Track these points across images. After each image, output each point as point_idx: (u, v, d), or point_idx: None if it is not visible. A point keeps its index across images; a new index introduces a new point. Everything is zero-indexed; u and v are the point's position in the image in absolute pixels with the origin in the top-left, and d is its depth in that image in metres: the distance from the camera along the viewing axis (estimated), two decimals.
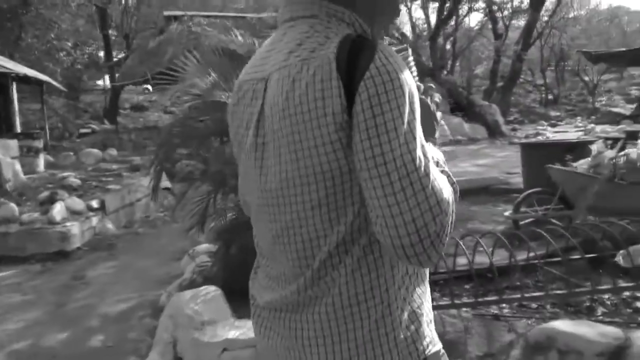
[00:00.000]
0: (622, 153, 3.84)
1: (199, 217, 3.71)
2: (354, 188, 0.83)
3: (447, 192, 0.81)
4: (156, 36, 17.25)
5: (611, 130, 10.14)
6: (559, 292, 2.70)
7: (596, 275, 2.95)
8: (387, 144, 0.77)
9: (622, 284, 2.79)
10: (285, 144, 0.85)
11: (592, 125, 13.97)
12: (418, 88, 0.88)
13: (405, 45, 1.17)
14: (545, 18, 21.63)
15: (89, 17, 19.41)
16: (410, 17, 22.27)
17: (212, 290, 2.83)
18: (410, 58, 1.09)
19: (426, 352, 0.88)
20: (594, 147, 4.07)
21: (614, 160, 3.79)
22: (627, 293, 2.84)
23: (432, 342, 0.91)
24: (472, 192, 5.89)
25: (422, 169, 0.78)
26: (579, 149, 4.55)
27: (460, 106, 16.23)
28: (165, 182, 8.25)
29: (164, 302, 3.62)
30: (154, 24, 20.80)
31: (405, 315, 0.87)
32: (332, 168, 0.82)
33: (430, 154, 0.82)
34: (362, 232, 0.84)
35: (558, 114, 22.07)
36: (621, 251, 2.97)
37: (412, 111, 0.80)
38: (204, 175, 3.81)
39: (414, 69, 1.05)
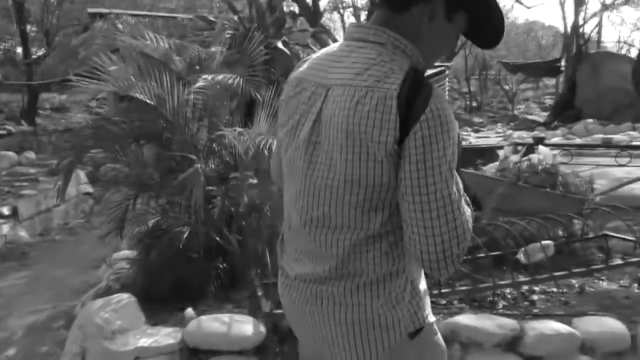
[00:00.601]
0: (526, 158, 4.15)
1: (117, 222, 3.60)
2: (387, 198, 1.02)
3: (469, 223, 1.00)
4: (79, 34, 16.41)
5: (526, 136, 10.86)
6: (464, 288, 2.88)
7: (499, 272, 3.17)
8: (432, 177, 0.95)
9: (521, 278, 3.01)
10: (339, 150, 1.01)
11: (511, 131, 14.84)
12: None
13: (444, 68, 1.34)
14: None
15: (5, 12, 18.13)
16: (343, 24, 22.70)
17: (124, 297, 2.76)
18: (447, 80, 1.25)
19: (425, 322, 1.09)
20: (502, 152, 4.36)
21: (518, 165, 4.09)
22: (525, 287, 3.07)
23: (429, 314, 1.12)
24: None
25: (456, 203, 0.97)
26: (489, 153, 4.85)
27: None
28: (87, 187, 7.91)
29: (79, 312, 3.47)
30: (78, 21, 19.77)
31: (408, 291, 1.08)
32: (375, 181, 1.00)
33: (461, 190, 1.00)
34: (389, 233, 1.04)
35: (481, 120, 23.24)
36: (522, 249, 3.20)
37: (453, 153, 0.97)
38: (126, 179, 3.71)
39: (447, 87, 1.21)
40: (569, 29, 21.22)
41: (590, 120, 17.08)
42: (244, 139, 2.94)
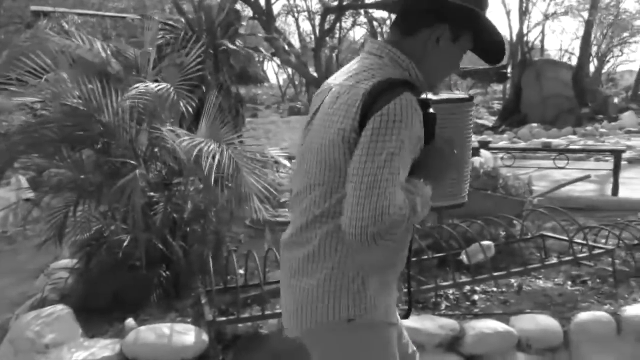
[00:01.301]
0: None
1: (56, 229, 3.44)
2: (342, 181, 1.15)
3: (396, 213, 1.07)
4: (22, 32, 15.64)
5: (474, 139, 11.16)
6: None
7: (443, 273, 3.25)
8: (370, 162, 1.08)
9: (463, 279, 3.09)
10: (317, 135, 1.21)
11: None
12: (450, 141, 1.23)
13: (471, 97, 1.42)
14: None
15: None
16: (298, 28, 22.77)
17: (59, 309, 2.65)
18: (473, 109, 1.38)
19: (356, 314, 1.19)
20: None
21: None
22: (467, 287, 3.15)
23: (368, 310, 1.20)
24: None
25: (382, 188, 1.06)
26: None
27: None
28: (28, 193, 7.52)
29: (11, 325, 3.29)
30: (20, 19, 18.87)
31: (357, 284, 1.19)
32: (335, 163, 1.16)
33: (402, 184, 1.10)
34: (337, 214, 1.16)
35: None
36: (464, 250, 3.29)
37: (398, 149, 1.08)
38: (67, 184, 3.55)
39: (472, 122, 1.39)
40: (514, 37, 22.08)
41: (535, 124, 17.85)
42: (185, 143, 2.88)
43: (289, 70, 28.20)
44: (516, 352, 2.68)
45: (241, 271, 3.20)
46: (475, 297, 3.10)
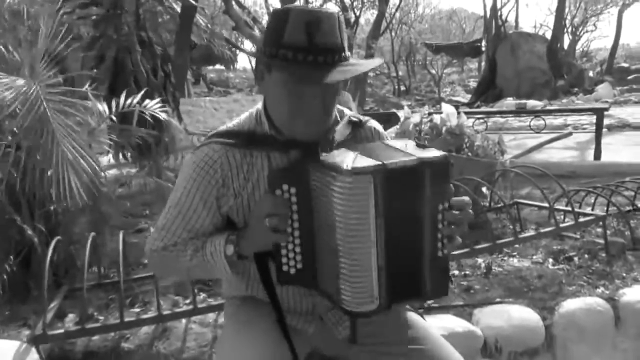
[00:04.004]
0: (428, 119, 3.53)
1: None
2: None
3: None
4: None
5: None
6: None
7: None
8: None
9: None
10: None
11: (406, 107, 14.73)
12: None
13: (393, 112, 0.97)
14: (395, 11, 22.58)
15: None
16: (266, 3, 21.67)
17: None
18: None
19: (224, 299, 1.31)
20: (401, 114, 3.72)
21: (419, 127, 3.45)
22: None
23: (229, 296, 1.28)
24: None
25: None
26: (394, 119, 4.24)
27: None
28: None
29: None
30: None
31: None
32: None
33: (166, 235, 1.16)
34: None
35: (409, 103, 23.26)
36: None
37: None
38: None
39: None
40: (488, 11, 21.45)
41: (511, 98, 17.36)
42: None
43: None
44: (481, 358, 1.95)
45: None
46: None
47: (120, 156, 4.48)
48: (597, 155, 5.60)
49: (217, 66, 26.37)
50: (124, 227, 3.19)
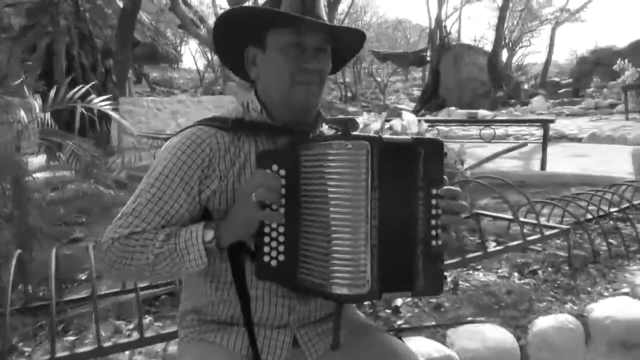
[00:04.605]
0: (387, 125, 3.43)
1: None
2: None
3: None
4: None
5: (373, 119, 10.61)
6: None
7: None
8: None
9: None
10: None
11: (365, 113, 14.93)
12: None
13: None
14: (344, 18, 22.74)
15: None
16: (214, 3, 21.13)
17: None
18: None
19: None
20: (360, 120, 3.61)
21: (379, 133, 3.34)
22: None
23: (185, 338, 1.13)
24: None
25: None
26: (350, 124, 4.08)
27: None
28: None
29: None
30: None
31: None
32: None
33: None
34: None
35: (355, 109, 23.52)
36: None
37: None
38: None
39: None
40: (432, 22, 22.04)
41: (453, 107, 18.01)
42: None
43: (209, 54, 26.51)
44: None
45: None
46: (398, 301, 2.22)
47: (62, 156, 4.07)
48: (543, 165, 5.76)
49: (161, 65, 25.46)
50: (56, 237, 2.87)
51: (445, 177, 1.01)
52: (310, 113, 1.12)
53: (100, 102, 2.72)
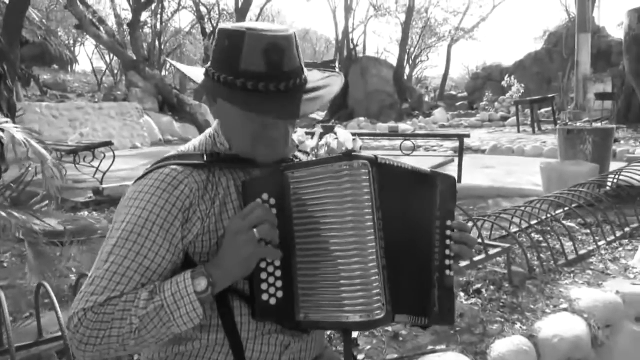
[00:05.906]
0: (323, 142, 3.33)
1: None
2: None
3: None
4: None
5: (308, 132, 10.71)
6: None
7: None
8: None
9: None
10: None
11: (297, 128, 15.01)
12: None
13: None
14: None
15: None
16: (113, 4, 19.89)
17: None
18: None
19: None
20: (295, 137, 3.48)
21: (315, 150, 3.24)
22: None
23: None
24: None
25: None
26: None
27: (170, 105, 15.26)
28: None
29: None
30: None
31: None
32: None
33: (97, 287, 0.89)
34: None
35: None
36: None
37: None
38: None
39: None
40: (339, 34, 22.61)
41: (362, 118, 18.62)
42: None
43: (107, 55, 24.86)
44: None
45: None
46: (354, 333, 2.11)
47: None
48: (459, 178, 6.02)
49: (53, 67, 23.44)
50: None
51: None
52: (280, 156, 1.06)
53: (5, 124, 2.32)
